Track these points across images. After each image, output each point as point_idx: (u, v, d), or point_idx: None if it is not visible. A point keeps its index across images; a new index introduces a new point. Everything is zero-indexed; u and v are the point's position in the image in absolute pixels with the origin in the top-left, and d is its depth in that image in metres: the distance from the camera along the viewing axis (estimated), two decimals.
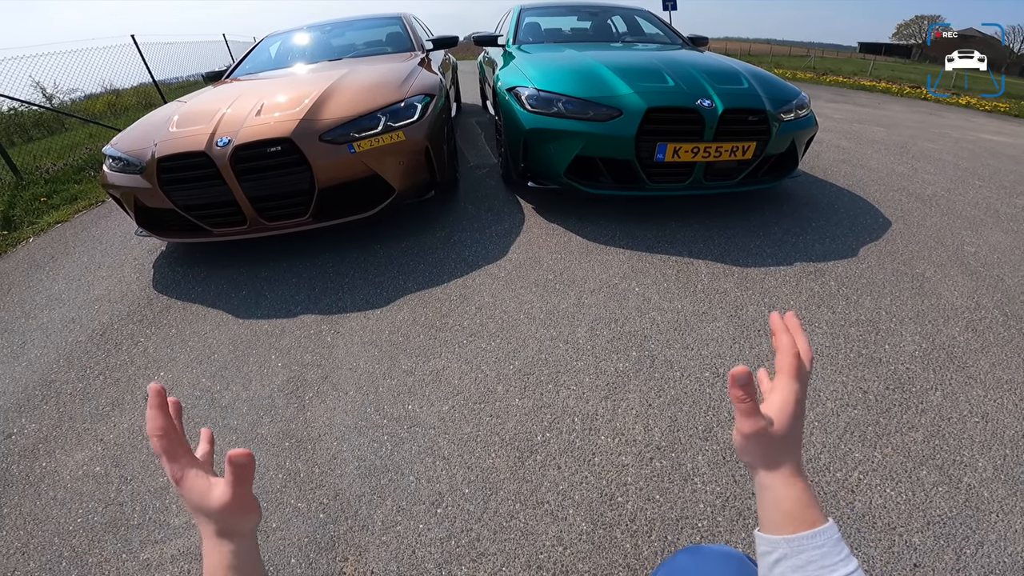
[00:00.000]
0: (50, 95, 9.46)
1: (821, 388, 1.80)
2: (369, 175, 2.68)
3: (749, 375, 0.47)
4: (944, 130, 6.28)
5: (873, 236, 2.92)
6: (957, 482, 1.45)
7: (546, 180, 3.15)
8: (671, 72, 2.92)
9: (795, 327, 0.55)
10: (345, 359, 2.06)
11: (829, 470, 1.50)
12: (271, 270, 2.77)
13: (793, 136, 2.91)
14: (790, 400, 0.50)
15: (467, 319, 2.26)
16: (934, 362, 1.93)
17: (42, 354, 2.28)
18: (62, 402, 1.98)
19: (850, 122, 6.56)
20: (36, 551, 1.42)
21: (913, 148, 5.07)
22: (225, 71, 4.44)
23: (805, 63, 23.95)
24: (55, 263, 3.25)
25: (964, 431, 1.62)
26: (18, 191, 4.82)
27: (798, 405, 0.50)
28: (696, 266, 2.59)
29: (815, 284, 2.43)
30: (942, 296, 2.34)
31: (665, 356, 1.98)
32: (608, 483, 1.49)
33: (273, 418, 1.80)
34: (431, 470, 1.56)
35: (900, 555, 1.27)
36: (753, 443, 0.49)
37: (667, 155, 2.70)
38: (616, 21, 4.99)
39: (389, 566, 1.31)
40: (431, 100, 2.95)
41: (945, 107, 9.20)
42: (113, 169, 2.74)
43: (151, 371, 2.09)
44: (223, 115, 2.61)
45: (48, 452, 1.76)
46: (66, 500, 1.57)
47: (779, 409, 0.50)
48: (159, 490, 1.57)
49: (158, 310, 2.53)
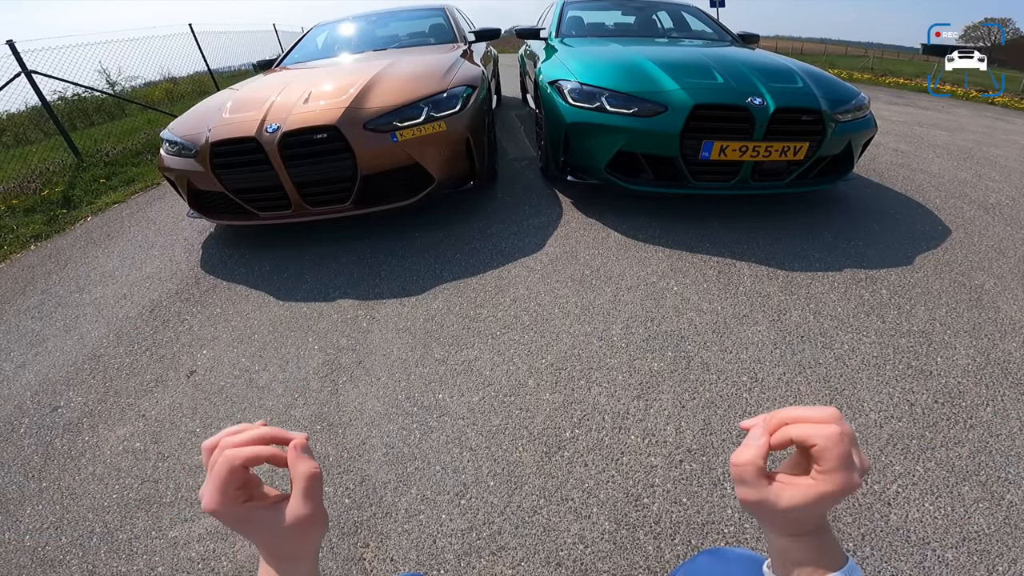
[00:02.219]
0: (113, 82, 9.94)
1: (865, 398, 1.72)
2: (410, 164, 2.71)
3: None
4: (1012, 136, 5.90)
5: (930, 244, 2.77)
6: (999, 499, 1.38)
7: (586, 175, 3.11)
8: (720, 68, 2.83)
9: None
10: (379, 345, 2.09)
11: (866, 482, 1.44)
12: (312, 254, 2.84)
13: (850, 138, 2.78)
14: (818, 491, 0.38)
15: (501, 311, 2.26)
16: (987, 377, 1.82)
17: (93, 328, 2.40)
18: (109, 377, 2.07)
19: (910, 125, 6.24)
20: (69, 526, 1.48)
21: (977, 153, 4.78)
22: (275, 60, 4.56)
23: (863, 63, 22.94)
24: (110, 241, 3.41)
25: (1012, 448, 1.53)
26: (79, 172, 5.08)
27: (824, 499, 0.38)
28: (738, 267, 2.51)
29: (865, 291, 2.32)
30: (1000, 309, 2.20)
31: (702, 358, 1.93)
32: (635, 483, 1.46)
33: (307, 401, 1.84)
34: (457, 460, 1.57)
35: (930, 570, 1.22)
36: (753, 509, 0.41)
37: (713, 153, 2.62)
38: (662, 16, 4.87)
39: (409, 554, 1.32)
40: (473, 91, 2.95)
41: (1014, 112, 8.64)
42: (169, 153, 2.85)
43: (195, 349, 2.17)
44: (273, 102, 2.68)
45: (91, 427, 1.83)
46: (104, 476, 1.63)
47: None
48: (193, 468, 1.62)
49: (204, 289, 2.62)
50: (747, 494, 0.40)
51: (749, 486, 0.40)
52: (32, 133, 7.87)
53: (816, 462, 0.38)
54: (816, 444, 0.37)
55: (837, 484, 0.37)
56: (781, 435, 0.40)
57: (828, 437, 0.37)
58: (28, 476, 1.65)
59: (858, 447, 0.38)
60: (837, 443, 0.37)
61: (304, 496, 0.41)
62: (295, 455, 0.42)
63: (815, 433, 0.38)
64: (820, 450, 0.37)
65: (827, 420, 0.38)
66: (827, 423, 0.38)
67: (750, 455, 0.40)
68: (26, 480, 1.63)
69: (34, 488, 1.60)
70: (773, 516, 0.40)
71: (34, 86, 5.41)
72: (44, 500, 1.57)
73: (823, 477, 0.37)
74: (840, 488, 0.37)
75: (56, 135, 5.74)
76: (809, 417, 0.39)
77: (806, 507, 0.38)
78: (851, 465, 0.37)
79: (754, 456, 0.40)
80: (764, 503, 0.39)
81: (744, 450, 0.41)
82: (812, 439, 0.38)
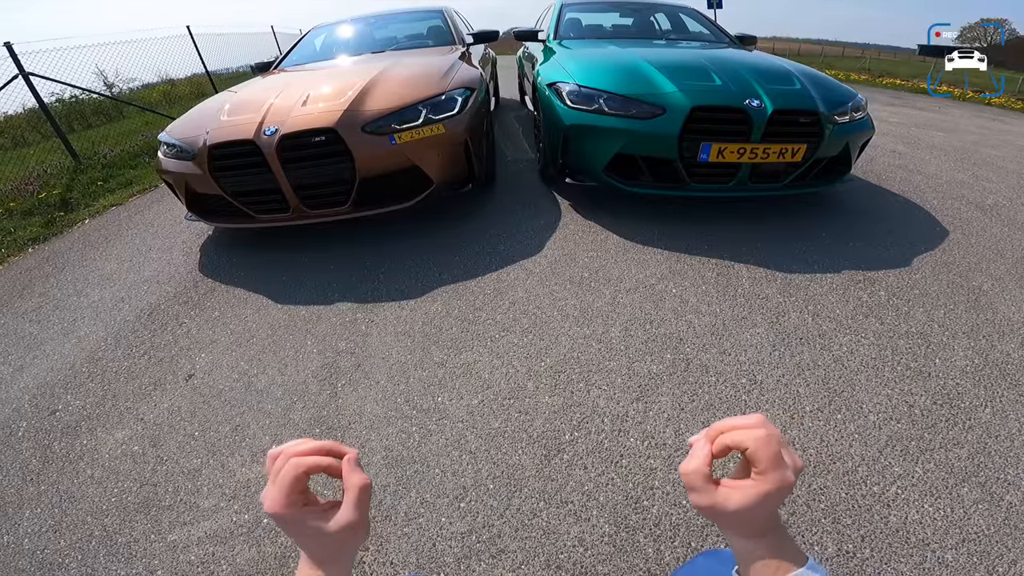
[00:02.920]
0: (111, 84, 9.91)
1: (864, 400, 1.72)
2: (408, 166, 2.71)
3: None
4: (1008, 136, 5.92)
5: (928, 245, 2.78)
6: (999, 500, 1.39)
7: (584, 177, 3.11)
8: (718, 70, 2.84)
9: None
10: (378, 348, 2.09)
11: (866, 483, 1.44)
12: (311, 257, 2.83)
13: (848, 139, 2.80)
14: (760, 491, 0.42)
15: (500, 313, 2.26)
16: (986, 378, 1.82)
17: (91, 331, 2.39)
18: (107, 380, 2.07)
19: (907, 126, 6.26)
20: (68, 529, 1.47)
21: (975, 155, 4.79)
22: (273, 62, 4.56)
23: (860, 64, 22.98)
24: (108, 244, 3.41)
25: (1011, 449, 1.54)
26: (76, 175, 5.07)
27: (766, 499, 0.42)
28: (737, 270, 2.52)
29: (863, 293, 2.32)
30: (999, 311, 2.21)
31: (701, 360, 1.93)
32: (635, 486, 1.46)
33: (306, 404, 1.84)
34: (457, 464, 1.56)
35: (930, 571, 1.22)
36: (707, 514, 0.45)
37: (711, 155, 2.63)
38: (660, 18, 4.88)
39: (409, 557, 1.32)
40: (471, 94, 2.95)
41: (1010, 113, 8.68)
42: (167, 155, 2.85)
43: (193, 352, 2.17)
44: (271, 105, 2.68)
45: (90, 430, 1.83)
46: (103, 479, 1.62)
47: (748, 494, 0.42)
48: (192, 472, 1.62)
49: (203, 292, 2.62)
50: (699, 499, 0.44)
51: (699, 492, 0.44)
52: (29, 135, 7.84)
53: (753, 464, 0.42)
54: (748, 447, 0.42)
55: (774, 482, 0.41)
56: (719, 443, 0.45)
57: (757, 439, 0.42)
58: (26, 479, 1.64)
59: (787, 447, 0.43)
60: (766, 444, 0.41)
61: (354, 505, 0.45)
62: (349, 467, 0.46)
63: (746, 437, 0.42)
64: (752, 452, 0.42)
65: (755, 425, 0.43)
66: (755, 428, 0.43)
67: (696, 464, 0.44)
68: (24, 483, 1.63)
69: (32, 491, 1.60)
70: (727, 518, 0.44)
71: (31, 88, 5.40)
72: (43, 503, 1.56)
73: (761, 477, 0.41)
74: (777, 486, 0.41)
75: (53, 137, 5.73)
76: (740, 424, 0.44)
77: (753, 507, 0.42)
78: (783, 464, 0.41)
79: (699, 464, 0.44)
80: (715, 507, 0.43)
81: (690, 460, 0.45)
82: (744, 443, 0.42)
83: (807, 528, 1.33)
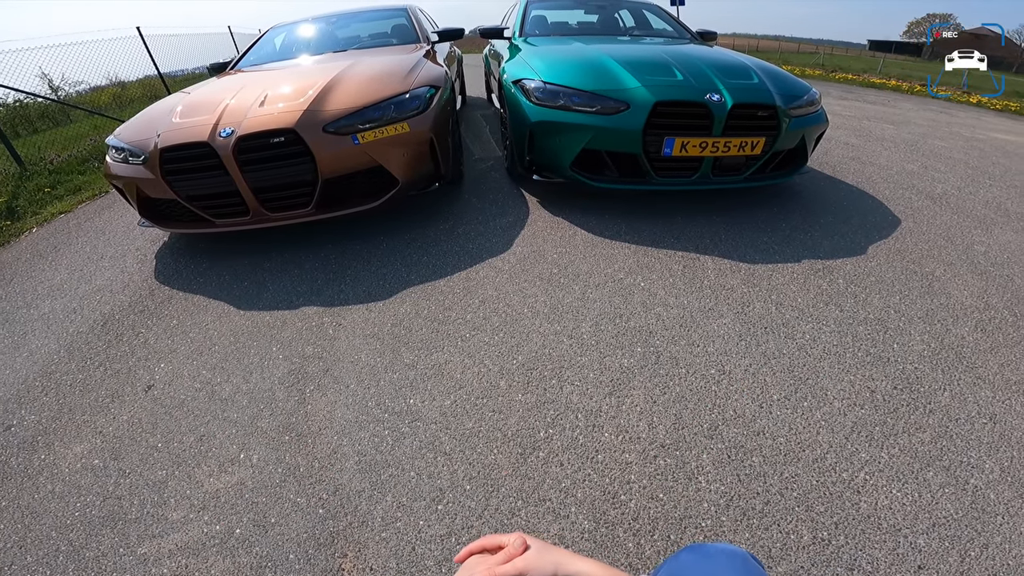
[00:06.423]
0: (56, 87, 9.47)
1: (828, 387, 1.77)
2: (373, 166, 2.66)
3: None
4: (955, 128, 6.20)
5: (882, 234, 2.89)
6: (964, 484, 1.43)
7: (551, 173, 3.12)
8: (680, 66, 2.88)
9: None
10: (347, 352, 2.05)
11: (835, 470, 1.47)
12: (274, 261, 2.76)
13: (803, 132, 2.87)
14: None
15: (470, 312, 2.24)
16: (943, 362, 1.90)
17: (43, 344, 2.28)
18: (62, 393, 1.97)
19: (859, 119, 6.48)
20: (34, 545, 1.41)
21: (923, 146, 5.00)
22: (230, 63, 4.41)
23: (814, 60, 23.71)
24: (57, 253, 3.25)
25: (972, 432, 1.60)
26: (22, 182, 4.81)
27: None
28: (702, 262, 2.56)
29: (823, 281, 2.39)
30: (952, 296, 2.31)
31: (670, 352, 1.95)
32: (611, 481, 1.47)
33: (273, 411, 1.79)
34: (432, 466, 1.54)
35: (904, 556, 1.25)
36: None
37: (675, 149, 2.66)
38: (623, 15, 4.93)
39: (388, 563, 1.30)
40: (436, 92, 2.92)
41: (956, 105, 9.09)
42: (116, 160, 2.72)
43: (152, 362, 2.08)
44: (227, 106, 2.59)
45: (47, 444, 1.74)
46: (64, 493, 1.56)
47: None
48: (157, 484, 1.55)
49: (160, 301, 2.52)
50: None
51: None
52: None
53: None
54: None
55: None
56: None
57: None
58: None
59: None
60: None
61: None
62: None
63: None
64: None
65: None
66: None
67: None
68: None
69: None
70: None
71: None
72: (4, 519, 1.50)
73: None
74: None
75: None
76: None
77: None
78: None
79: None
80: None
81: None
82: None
83: (782, 517, 1.36)
